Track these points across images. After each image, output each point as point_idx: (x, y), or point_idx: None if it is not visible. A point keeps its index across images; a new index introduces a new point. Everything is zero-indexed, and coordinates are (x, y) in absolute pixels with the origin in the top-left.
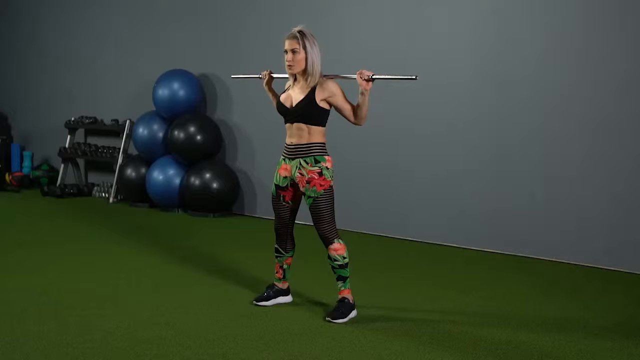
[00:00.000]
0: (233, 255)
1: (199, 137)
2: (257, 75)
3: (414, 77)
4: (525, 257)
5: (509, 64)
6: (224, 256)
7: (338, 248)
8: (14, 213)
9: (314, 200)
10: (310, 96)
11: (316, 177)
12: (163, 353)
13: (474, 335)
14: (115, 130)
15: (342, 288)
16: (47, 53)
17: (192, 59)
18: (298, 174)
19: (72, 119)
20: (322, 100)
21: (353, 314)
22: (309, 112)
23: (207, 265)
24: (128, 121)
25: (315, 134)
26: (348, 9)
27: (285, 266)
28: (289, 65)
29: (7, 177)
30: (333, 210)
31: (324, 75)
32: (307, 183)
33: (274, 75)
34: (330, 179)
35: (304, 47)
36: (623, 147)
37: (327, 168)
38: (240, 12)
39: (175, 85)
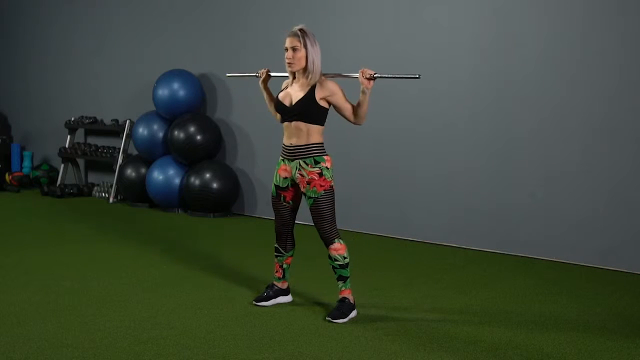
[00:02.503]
0: (233, 255)
1: (199, 137)
2: (254, 74)
3: (417, 75)
4: (525, 257)
5: (509, 63)
6: (224, 256)
7: (338, 248)
8: (14, 213)
9: (314, 200)
10: (310, 94)
11: (316, 178)
12: (163, 353)
13: (474, 335)
14: (115, 130)
15: (343, 288)
16: (47, 53)
17: (192, 59)
18: (298, 174)
19: (72, 119)
20: (321, 98)
21: (353, 314)
22: (308, 110)
23: (207, 265)
24: (128, 121)
25: (314, 134)
26: (348, 9)
27: (285, 266)
28: (289, 63)
29: (7, 177)
30: (334, 210)
31: (325, 75)
32: (307, 184)
33: (272, 74)
34: (330, 179)
35: (305, 45)
36: (623, 147)
37: (327, 168)
38: (240, 12)
39: (175, 85)
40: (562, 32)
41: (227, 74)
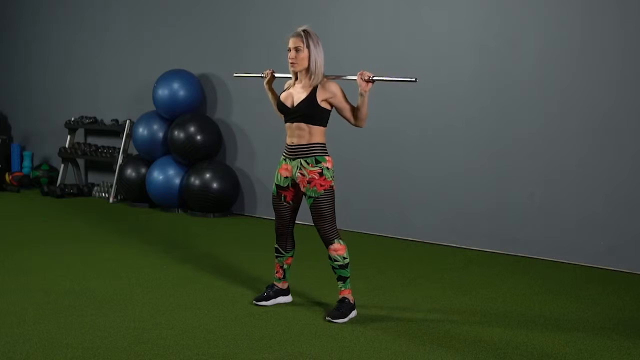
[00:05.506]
0: (233, 255)
1: (199, 137)
2: (259, 74)
3: (414, 79)
4: (525, 257)
5: (509, 64)
6: (224, 256)
7: (338, 248)
8: (14, 213)
9: (314, 200)
10: (311, 96)
11: (317, 177)
12: (163, 353)
13: (474, 335)
14: (115, 130)
15: (343, 288)
16: (47, 53)
17: (192, 59)
18: (299, 174)
19: (72, 119)
20: (323, 100)
21: (353, 314)
22: (310, 111)
23: (207, 265)
24: (128, 121)
25: (316, 134)
26: (348, 9)
27: (285, 266)
28: (292, 63)
29: (7, 177)
30: (334, 210)
31: (326, 76)
32: (307, 183)
33: (276, 75)
34: (331, 179)
35: (308, 46)
36: (623, 147)
37: (328, 168)
38: (240, 12)
39: (175, 85)
40: (562, 32)
41: (234, 75)
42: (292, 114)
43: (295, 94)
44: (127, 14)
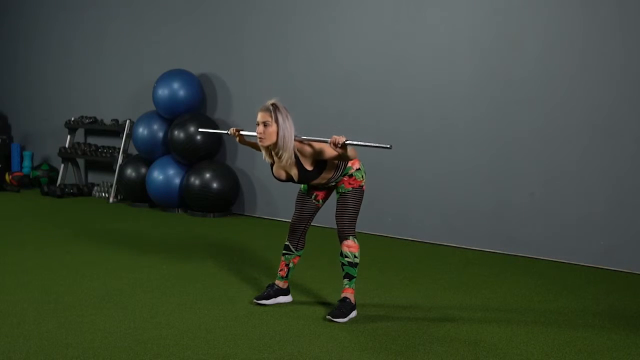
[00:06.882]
0: (233, 255)
1: (199, 137)
2: (225, 132)
3: (388, 146)
4: (525, 257)
5: (509, 63)
6: (223, 256)
7: (352, 245)
8: (14, 213)
9: (341, 195)
10: (301, 168)
11: (347, 179)
12: (163, 353)
13: (474, 335)
14: (115, 130)
15: (347, 286)
16: (47, 53)
17: (192, 59)
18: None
19: (72, 119)
20: (309, 164)
21: (353, 314)
22: (310, 176)
23: (207, 265)
24: (128, 121)
25: (329, 173)
26: (348, 9)
27: (291, 264)
28: (260, 138)
29: (7, 177)
30: (358, 209)
31: (295, 138)
32: (339, 184)
33: (243, 133)
34: (361, 179)
35: (276, 120)
36: (623, 147)
37: (358, 169)
38: (240, 12)
39: (175, 85)
40: (562, 32)
41: (200, 130)
42: (300, 183)
43: (286, 168)
44: (127, 14)
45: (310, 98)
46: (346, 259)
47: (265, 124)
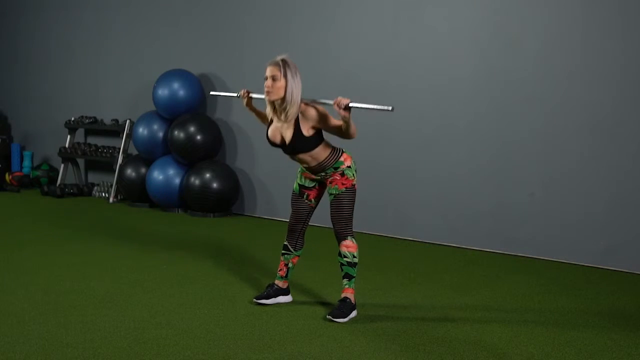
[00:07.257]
0: (233, 255)
1: (199, 137)
2: (235, 94)
3: (389, 108)
4: (525, 257)
5: (509, 63)
6: (223, 256)
7: (350, 245)
8: (14, 213)
9: (335, 196)
10: (297, 131)
11: (338, 178)
12: (163, 353)
13: (474, 335)
14: (115, 130)
15: (347, 286)
16: (47, 53)
17: (192, 59)
18: (325, 177)
19: (72, 119)
20: (308, 129)
21: (353, 314)
22: (302, 145)
23: (207, 265)
24: (128, 121)
25: (319, 153)
26: (349, 9)
27: (290, 264)
28: (267, 92)
29: (7, 177)
30: (352, 208)
31: (302, 101)
32: (329, 183)
33: (253, 95)
34: (352, 177)
35: (285, 75)
36: (623, 147)
37: (349, 167)
38: (240, 12)
39: (175, 85)
40: (562, 32)
41: (211, 93)
42: (287, 150)
43: (283, 130)
44: (127, 13)
45: (310, 98)
46: (345, 259)
47: (274, 78)
